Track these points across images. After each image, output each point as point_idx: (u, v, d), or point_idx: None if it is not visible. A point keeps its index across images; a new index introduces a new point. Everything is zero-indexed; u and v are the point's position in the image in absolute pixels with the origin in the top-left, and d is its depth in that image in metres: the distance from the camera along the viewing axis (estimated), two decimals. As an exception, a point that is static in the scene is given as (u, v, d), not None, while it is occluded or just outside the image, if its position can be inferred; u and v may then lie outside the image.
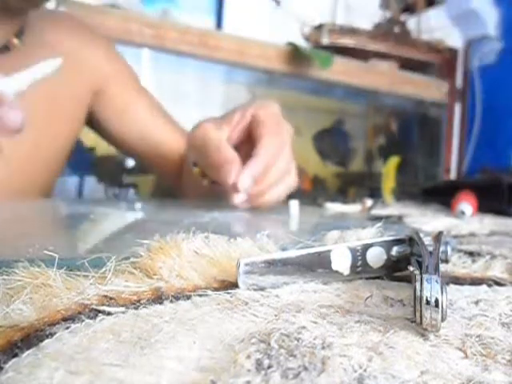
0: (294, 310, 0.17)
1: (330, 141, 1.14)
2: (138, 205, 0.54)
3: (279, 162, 0.47)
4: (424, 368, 0.13)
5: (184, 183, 0.66)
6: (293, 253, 0.21)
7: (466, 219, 0.51)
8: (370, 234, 0.31)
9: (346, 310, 0.18)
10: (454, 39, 1.28)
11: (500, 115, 1.24)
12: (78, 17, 0.69)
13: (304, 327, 0.15)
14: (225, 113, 0.50)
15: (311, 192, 1.03)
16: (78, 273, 0.20)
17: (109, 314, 0.16)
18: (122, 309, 0.17)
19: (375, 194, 1.01)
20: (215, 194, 0.53)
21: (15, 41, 0.52)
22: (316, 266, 0.21)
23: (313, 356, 0.13)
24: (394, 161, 1.03)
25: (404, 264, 0.23)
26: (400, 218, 0.51)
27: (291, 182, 0.52)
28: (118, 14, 0.86)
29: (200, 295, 0.19)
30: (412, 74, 1.17)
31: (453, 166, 1.33)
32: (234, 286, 0.20)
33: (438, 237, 0.23)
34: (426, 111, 1.26)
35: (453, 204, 0.54)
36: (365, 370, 0.13)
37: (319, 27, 1.09)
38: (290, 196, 0.51)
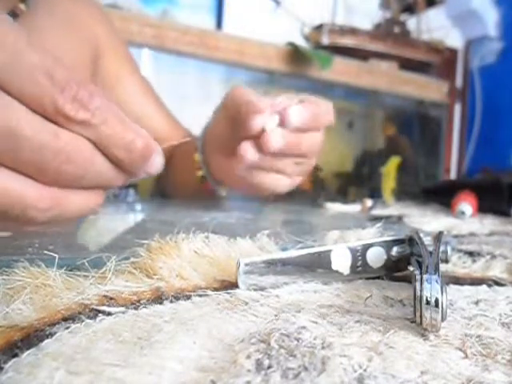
0: (293, 309, 0.17)
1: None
2: (138, 205, 0.54)
3: (316, 137, 0.45)
4: (424, 368, 0.13)
5: (172, 177, 0.62)
6: (293, 253, 0.21)
7: (466, 219, 0.51)
8: (369, 234, 0.31)
9: (346, 309, 0.18)
10: (454, 39, 1.28)
11: (500, 115, 1.24)
12: None
13: (304, 327, 0.15)
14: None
15: (311, 192, 1.03)
16: (78, 273, 0.20)
17: (109, 314, 0.16)
18: (122, 309, 0.17)
19: (375, 194, 1.01)
20: (201, 193, 0.52)
21: (22, 6, 0.51)
22: (316, 265, 0.21)
23: (313, 356, 0.13)
24: (394, 161, 1.03)
25: (404, 264, 0.23)
26: (400, 218, 0.51)
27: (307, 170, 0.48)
28: (118, 14, 0.86)
29: (200, 295, 0.19)
30: (412, 74, 1.17)
31: (453, 166, 1.33)
32: (234, 286, 0.20)
33: (438, 237, 0.23)
34: (425, 111, 1.26)
35: (453, 204, 0.54)
36: (365, 370, 0.13)
37: (319, 27, 1.10)
38: (290, 195, 0.51)
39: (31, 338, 0.14)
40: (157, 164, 0.26)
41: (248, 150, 0.42)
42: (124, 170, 0.24)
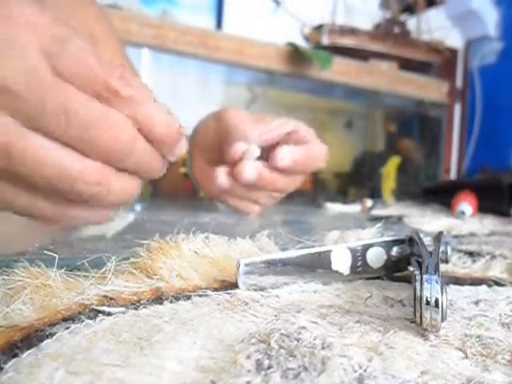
0: (293, 310, 0.17)
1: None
2: (138, 205, 0.54)
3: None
4: (424, 368, 0.13)
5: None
6: (293, 253, 0.21)
7: (466, 219, 0.51)
8: (369, 234, 0.31)
9: (346, 310, 0.18)
10: (454, 39, 1.27)
11: (500, 115, 1.24)
12: None
13: (304, 327, 0.15)
14: (262, 114, 0.48)
15: (311, 192, 1.03)
16: (78, 273, 0.20)
17: (109, 314, 0.16)
18: (122, 309, 0.17)
19: (375, 194, 1.01)
20: (183, 189, 0.52)
21: None
22: (316, 266, 0.21)
23: (313, 356, 0.13)
24: (394, 161, 1.03)
25: (404, 264, 0.23)
26: (400, 218, 0.51)
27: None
28: (118, 14, 0.86)
29: (200, 295, 0.19)
30: (412, 74, 1.17)
31: (453, 166, 1.33)
32: (234, 286, 0.20)
33: (438, 237, 0.23)
34: (425, 111, 1.26)
35: (453, 204, 0.54)
36: (365, 370, 0.13)
37: (319, 27, 1.09)
38: (290, 195, 0.51)
39: (31, 338, 0.14)
40: (184, 145, 0.29)
41: (221, 176, 0.42)
42: (163, 150, 0.27)
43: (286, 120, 0.45)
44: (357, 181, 1.13)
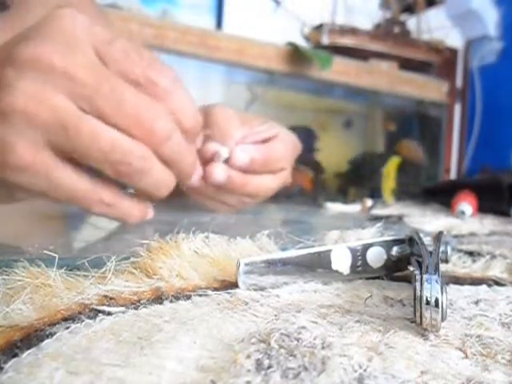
0: (294, 309, 0.17)
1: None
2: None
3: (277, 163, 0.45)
4: (424, 368, 0.13)
5: None
6: (293, 253, 0.21)
7: (466, 219, 0.51)
8: (370, 234, 0.31)
9: (346, 309, 0.18)
10: (454, 39, 1.27)
11: (500, 115, 1.24)
12: None
13: (304, 327, 0.15)
14: (251, 116, 0.48)
15: (311, 192, 1.03)
16: (78, 273, 0.20)
17: (109, 314, 0.16)
18: (122, 309, 0.17)
19: (375, 194, 1.01)
20: None
21: None
22: (316, 265, 0.21)
23: (313, 356, 0.13)
24: (394, 161, 1.03)
25: (404, 264, 0.23)
26: (400, 218, 0.51)
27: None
28: (118, 14, 0.86)
29: (200, 295, 0.19)
30: (412, 74, 1.17)
31: (453, 166, 1.33)
32: (234, 286, 0.20)
33: (438, 237, 0.23)
34: (425, 111, 1.26)
35: (453, 204, 0.54)
36: (365, 370, 0.13)
37: (319, 27, 1.09)
38: (290, 195, 0.51)
39: (31, 337, 0.14)
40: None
41: (216, 170, 0.42)
42: (189, 138, 0.31)
43: (270, 125, 0.46)
44: (357, 181, 1.13)
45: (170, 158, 0.29)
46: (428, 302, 0.15)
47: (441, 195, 0.67)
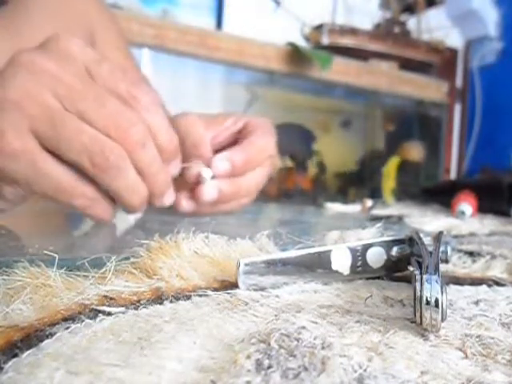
0: (293, 310, 0.17)
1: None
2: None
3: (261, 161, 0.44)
4: (424, 368, 0.13)
5: None
6: (293, 253, 0.21)
7: (466, 219, 0.51)
8: (369, 234, 0.31)
9: (346, 310, 0.18)
10: (454, 39, 1.27)
11: (500, 115, 1.24)
12: None
13: (304, 327, 0.15)
14: (214, 114, 0.48)
15: (311, 192, 1.03)
16: (78, 273, 0.20)
17: (109, 314, 0.16)
18: (122, 309, 0.17)
19: (375, 194, 1.01)
20: None
21: None
22: (316, 266, 0.21)
23: (313, 356, 0.13)
24: (394, 161, 1.03)
25: (404, 264, 0.23)
26: (400, 218, 0.51)
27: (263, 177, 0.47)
28: (118, 14, 0.86)
29: (200, 295, 0.19)
30: (412, 74, 1.17)
31: (453, 166, 1.33)
32: (234, 286, 0.20)
33: (438, 237, 0.23)
34: (425, 111, 1.26)
35: (453, 204, 0.54)
36: (365, 370, 0.13)
37: (319, 27, 1.09)
38: (289, 195, 0.51)
39: (31, 338, 0.14)
40: (172, 196, 0.38)
41: (183, 203, 0.42)
42: (164, 159, 0.33)
43: (237, 117, 0.46)
44: (357, 181, 1.13)
45: (144, 169, 0.32)
46: (428, 302, 0.15)
47: (441, 195, 0.67)
